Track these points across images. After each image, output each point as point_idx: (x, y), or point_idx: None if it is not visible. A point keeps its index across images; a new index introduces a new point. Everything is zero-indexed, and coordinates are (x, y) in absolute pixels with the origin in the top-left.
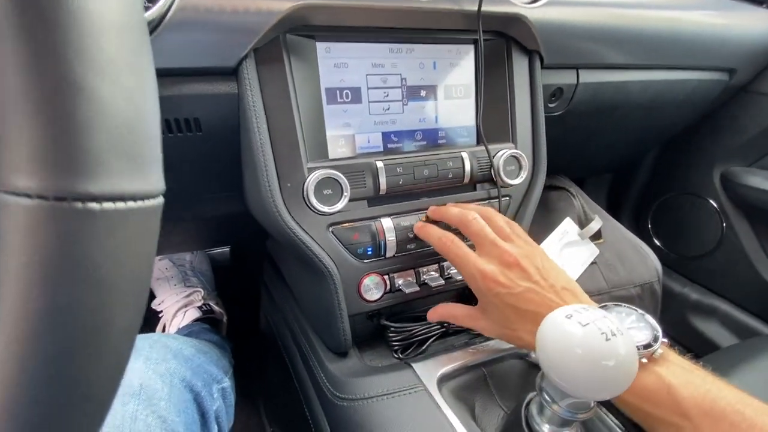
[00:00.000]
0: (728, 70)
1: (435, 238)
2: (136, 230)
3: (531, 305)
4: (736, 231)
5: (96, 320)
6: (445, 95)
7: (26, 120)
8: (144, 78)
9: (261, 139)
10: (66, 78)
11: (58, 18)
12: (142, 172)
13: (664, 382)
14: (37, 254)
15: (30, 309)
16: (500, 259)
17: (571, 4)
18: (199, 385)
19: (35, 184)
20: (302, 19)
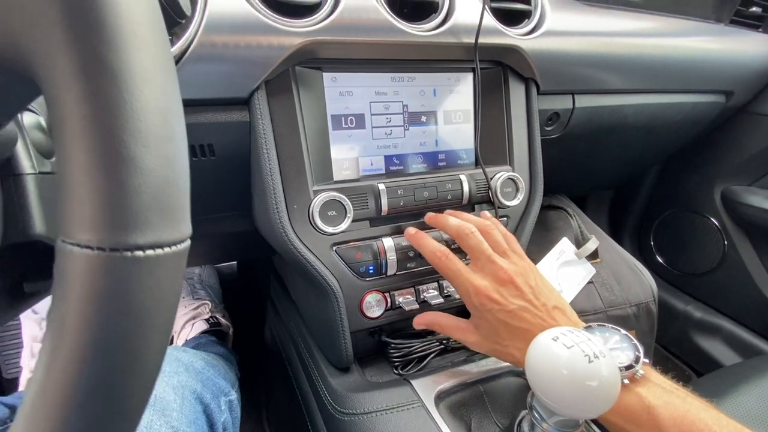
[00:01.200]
0: (725, 93)
1: (429, 250)
2: (169, 270)
3: (522, 323)
4: (738, 249)
5: (137, 345)
6: (445, 120)
7: (89, 187)
8: (179, 142)
9: (270, 164)
10: (120, 153)
11: (118, 107)
12: (175, 222)
13: (644, 403)
14: (94, 292)
15: (86, 336)
16: (495, 276)
17: (566, 35)
18: (209, 398)
19: (96, 239)
20: (311, 53)
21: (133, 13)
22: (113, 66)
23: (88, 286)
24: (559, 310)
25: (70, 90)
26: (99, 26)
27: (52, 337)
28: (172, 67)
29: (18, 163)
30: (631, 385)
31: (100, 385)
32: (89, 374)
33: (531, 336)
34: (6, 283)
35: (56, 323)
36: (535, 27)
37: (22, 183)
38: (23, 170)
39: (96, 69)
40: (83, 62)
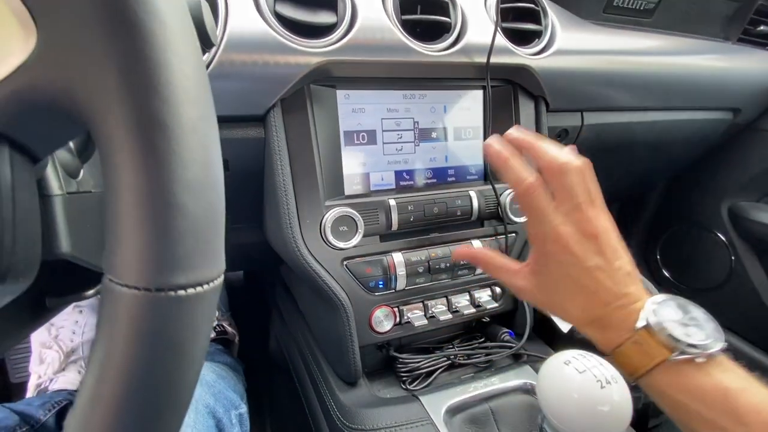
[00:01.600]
0: (732, 110)
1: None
2: (206, 305)
3: (593, 283)
4: (745, 265)
5: (176, 378)
6: (455, 136)
7: (138, 232)
8: (219, 188)
9: (284, 180)
10: (169, 201)
11: (168, 159)
12: (213, 260)
13: (721, 385)
14: (139, 331)
15: (131, 370)
16: (580, 226)
17: (576, 53)
18: (221, 412)
19: (143, 281)
20: (326, 71)
21: (183, 67)
22: (165, 121)
23: (134, 324)
24: (631, 277)
25: (123, 141)
26: (152, 81)
27: (98, 370)
28: (214, 116)
29: (47, 184)
30: (706, 366)
31: (141, 418)
32: (132, 408)
33: (596, 298)
34: (29, 297)
35: (101, 358)
36: (545, 47)
37: (51, 204)
38: (52, 192)
39: (149, 124)
40: (138, 117)
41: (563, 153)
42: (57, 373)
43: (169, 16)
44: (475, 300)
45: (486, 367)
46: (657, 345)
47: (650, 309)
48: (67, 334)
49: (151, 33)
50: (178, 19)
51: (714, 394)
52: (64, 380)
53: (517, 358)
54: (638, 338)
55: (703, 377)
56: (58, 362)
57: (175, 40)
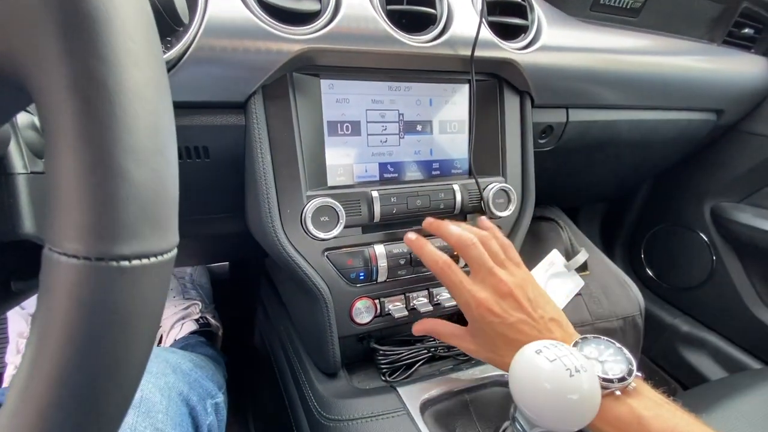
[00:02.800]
0: (716, 111)
1: (430, 258)
2: (155, 279)
3: (520, 335)
4: (726, 265)
5: (119, 353)
6: (440, 130)
7: (77, 199)
8: (169, 155)
9: (264, 168)
10: (110, 167)
11: (109, 122)
12: (163, 233)
13: (635, 414)
14: (78, 302)
15: (69, 345)
16: (495, 288)
17: (561, 50)
18: (195, 400)
19: (82, 249)
20: (309, 59)
21: (127, 28)
22: (106, 82)
23: (73, 295)
24: (555, 322)
25: (62, 103)
26: (93, 42)
27: (36, 342)
28: (165, 82)
29: (10, 162)
30: (624, 397)
31: (82, 391)
32: (72, 381)
33: None
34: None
35: (40, 329)
36: (531, 42)
37: (14, 182)
38: (15, 170)
39: (89, 84)
40: (76, 77)
41: (466, 232)
42: None
43: None
44: None
45: (466, 360)
46: None
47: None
48: None
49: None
50: None
51: (630, 424)
52: None
53: None
54: None
55: (621, 408)
56: None
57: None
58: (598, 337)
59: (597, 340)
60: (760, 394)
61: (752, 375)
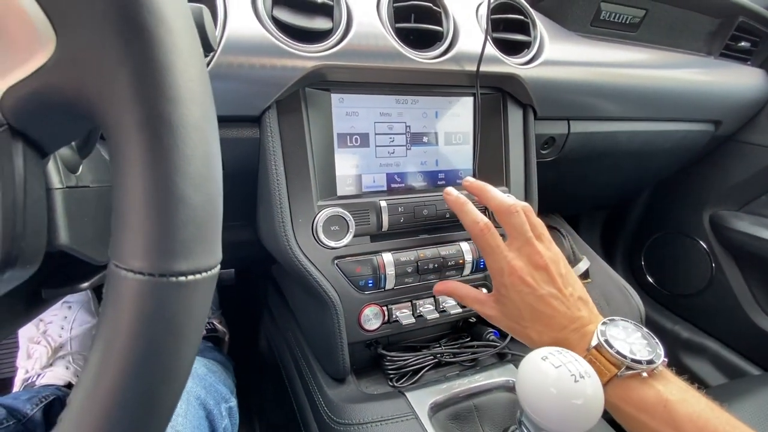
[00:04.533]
0: (714, 122)
1: (470, 219)
2: (204, 291)
3: (549, 309)
4: (725, 272)
5: (174, 358)
6: (445, 141)
7: (143, 221)
8: (218, 181)
9: (278, 179)
10: (173, 193)
11: (172, 153)
12: (211, 250)
13: (662, 397)
14: (142, 313)
15: (133, 351)
16: (530, 259)
17: (563, 64)
18: (211, 404)
19: (147, 266)
20: (321, 75)
21: (188, 69)
22: (171, 119)
23: (138, 307)
24: (582, 301)
25: (132, 138)
26: (162, 86)
27: (103, 351)
28: (215, 115)
29: (48, 178)
30: (650, 379)
31: (143, 395)
32: (134, 386)
33: (554, 322)
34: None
35: (106, 339)
36: (533, 57)
37: (51, 197)
38: (52, 185)
39: (157, 122)
40: (147, 117)
41: (509, 198)
42: (44, 368)
43: (175, 23)
44: None
45: (471, 366)
46: (607, 362)
47: (600, 330)
48: (55, 329)
49: (159, 38)
50: (183, 25)
51: (656, 406)
52: (52, 375)
53: (502, 357)
54: (591, 357)
55: (647, 390)
56: (45, 357)
57: (180, 45)
58: (626, 320)
59: (625, 322)
60: (759, 399)
61: (751, 381)
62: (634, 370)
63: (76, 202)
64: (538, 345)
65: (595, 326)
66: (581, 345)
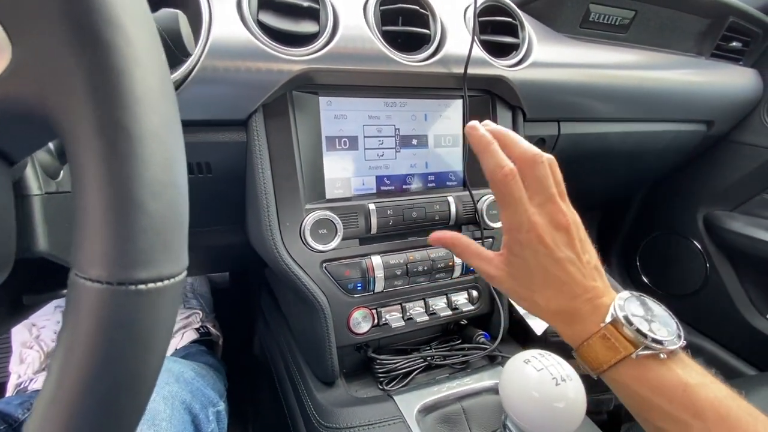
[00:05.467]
0: (706, 122)
1: (493, 163)
2: (168, 299)
3: (563, 274)
4: (720, 273)
5: (137, 367)
6: (435, 144)
7: (101, 230)
8: (181, 186)
9: (265, 183)
10: (130, 200)
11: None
12: (175, 257)
13: (681, 381)
14: (102, 322)
15: (93, 360)
16: (552, 217)
17: (552, 66)
18: (197, 408)
19: (105, 275)
20: (309, 78)
21: (147, 78)
22: (128, 127)
23: (97, 316)
24: (598, 271)
25: (89, 146)
26: (118, 94)
27: (63, 358)
28: (178, 123)
29: (26, 184)
30: (668, 361)
31: (104, 402)
32: (94, 393)
33: (566, 289)
34: (7, 295)
35: (66, 347)
36: (522, 59)
37: (29, 203)
38: (30, 191)
39: (113, 130)
40: (103, 124)
41: (533, 147)
42: (37, 373)
43: (133, 31)
44: (452, 303)
45: (462, 368)
46: (623, 340)
47: (618, 304)
48: (48, 334)
49: (115, 46)
50: (142, 34)
51: (674, 389)
52: None
53: (492, 359)
54: (606, 332)
55: (666, 372)
56: (38, 362)
57: (138, 54)
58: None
59: (643, 298)
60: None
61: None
62: (652, 351)
63: (57, 207)
64: (544, 312)
65: (610, 299)
66: (593, 318)
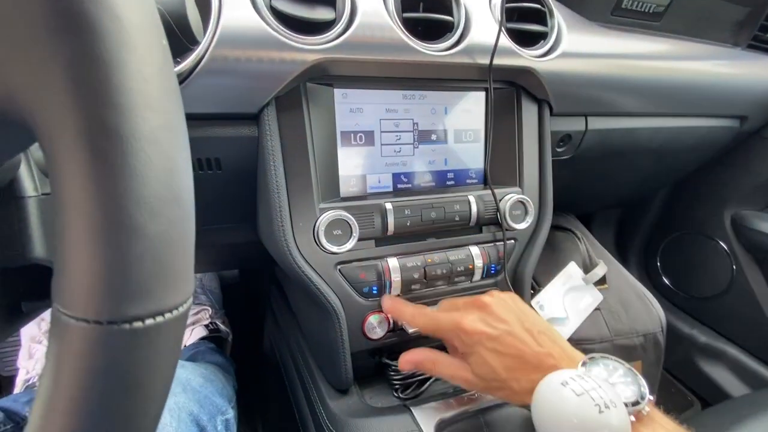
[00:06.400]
0: (739, 117)
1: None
2: (169, 336)
3: (511, 349)
4: (747, 275)
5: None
6: (455, 139)
7: (87, 259)
8: (186, 201)
9: (277, 180)
10: (122, 222)
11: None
12: (178, 286)
13: None
14: (88, 367)
15: (78, 410)
16: (473, 305)
17: (582, 56)
18: (205, 419)
19: (92, 312)
20: (323, 69)
21: (142, 69)
22: (119, 130)
23: (82, 362)
24: (546, 336)
25: (70, 154)
26: (106, 87)
27: (42, 408)
28: (182, 124)
29: (20, 185)
30: (637, 424)
31: None
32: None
33: (524, 364)
34: (5, 302)
35: (46, 399)
36: (550, 49)
37: (24, 206)
38: (25, 193)
39: (100, 134)
40: (87, 126)
41: None
42: None
43: (126, 10)
44: None
45: None
46: None
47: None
48: None
49: (103, 29)
50: (138, 14)
51: None
52: None
53: None
54: None
55: None
56: None
57: (132, 38)
58: (606, 356)
59: (605, 360)
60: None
61: None
62: None
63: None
64: (521, 396)
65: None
66: None
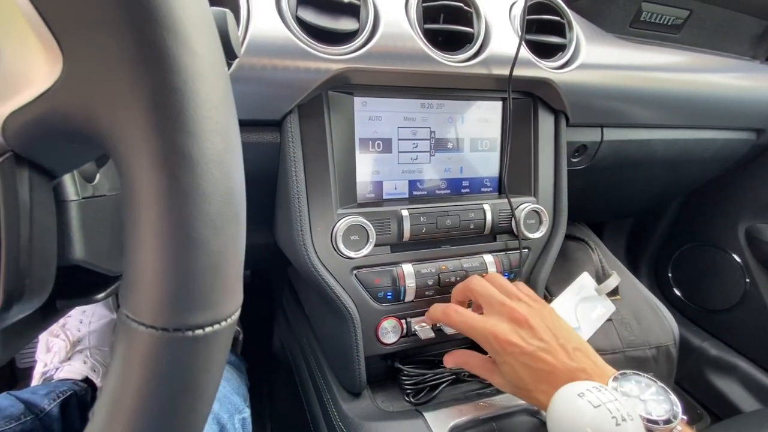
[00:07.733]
0: (756, 130)
1: (439, 312)
2: (223, 342)
3: (544, 365)
4: (760, 289)
5: (188, 419)
6: (471, 148)
7: (159, 271)
8: (241, 219)
9: (298, 186)
10: (192, 238)
11: (191, 192)
12: (232, 296)
13: None
14: (154, 371)
15: (144, 413)
16: (510, 317)
17: (599, 68)
18: (225, 418)
19: (161, 320)
20: (346, 78)
21: (211, 97)
22: (190, 154)
23: (149, 365)
24: (580, 351)
25: (146, 174)
26: (181, 116)
27: (109, 408)
28: (239, 144)
29: (63, 189)
30: None
31: None
32: None
33: (555, 378)
34: None
35: (114, 397)
36: (569, 60)
37: (66, 210)
38: (67, 197)
39: (174, 158)
40: (163, 151)
41: None
42: (63, 362)
43: (199, 45)
44: None
45: (491, 384)
46: None
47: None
48: (74, 323)
49: (181, 64)
50: (208, 47)
51: None
52: (70, 369)
53: None
54: None
55: None
56: (64, 351)
57: (204, 70)
58: (638, 373)
59: (637, 376)
60: None
61: None
62: None
63: (92, 212)
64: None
65: (604, 380)
66: None
